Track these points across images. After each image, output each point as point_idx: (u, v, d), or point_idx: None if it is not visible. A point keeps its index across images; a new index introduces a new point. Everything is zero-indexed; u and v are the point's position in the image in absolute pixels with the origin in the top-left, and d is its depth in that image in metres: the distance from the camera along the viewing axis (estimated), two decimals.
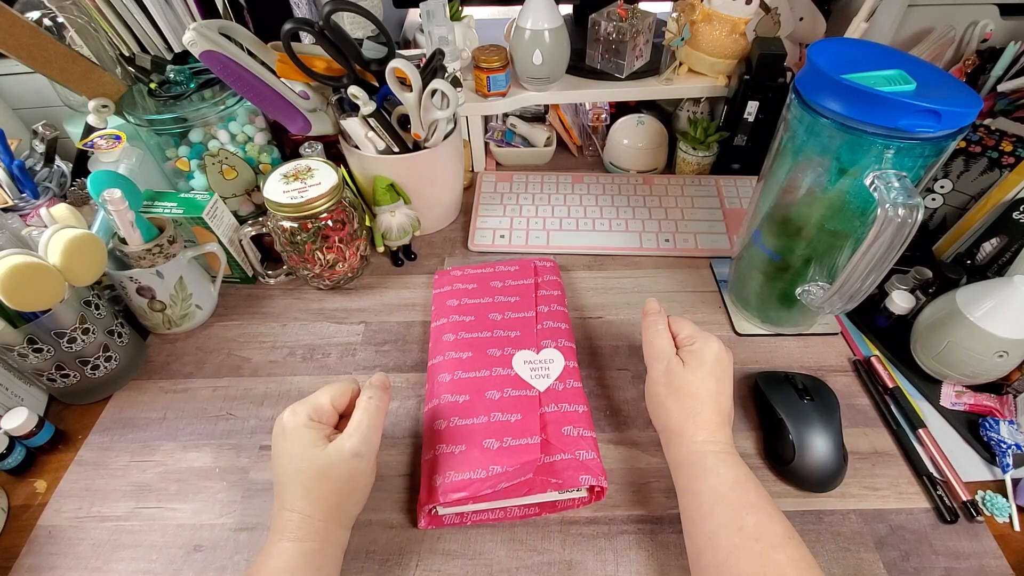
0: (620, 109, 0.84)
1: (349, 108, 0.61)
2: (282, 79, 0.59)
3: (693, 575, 0.39)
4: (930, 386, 0.54)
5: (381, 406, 0.42)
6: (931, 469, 0.48)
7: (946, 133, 0.39)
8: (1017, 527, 0.45)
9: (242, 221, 0.64)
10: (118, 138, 0.60)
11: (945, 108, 0.37)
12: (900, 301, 0.56)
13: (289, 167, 0.59)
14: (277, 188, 0.56)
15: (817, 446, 0.47)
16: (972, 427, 0.50)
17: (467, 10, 0.80)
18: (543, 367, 0.51)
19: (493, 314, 0.56)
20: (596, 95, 0.76)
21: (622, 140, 0.77)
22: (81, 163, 0.67)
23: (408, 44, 0.90)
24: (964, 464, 0.48)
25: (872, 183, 0.41)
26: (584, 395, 0.51)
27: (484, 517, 0.46)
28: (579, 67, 0.74)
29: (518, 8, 0.68)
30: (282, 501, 0.39)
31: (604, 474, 0.45)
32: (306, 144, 0.65)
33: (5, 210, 0.57)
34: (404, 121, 0.64)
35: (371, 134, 0.61)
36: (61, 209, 0.52)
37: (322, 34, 0.55)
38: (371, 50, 0.60)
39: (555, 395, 0.49)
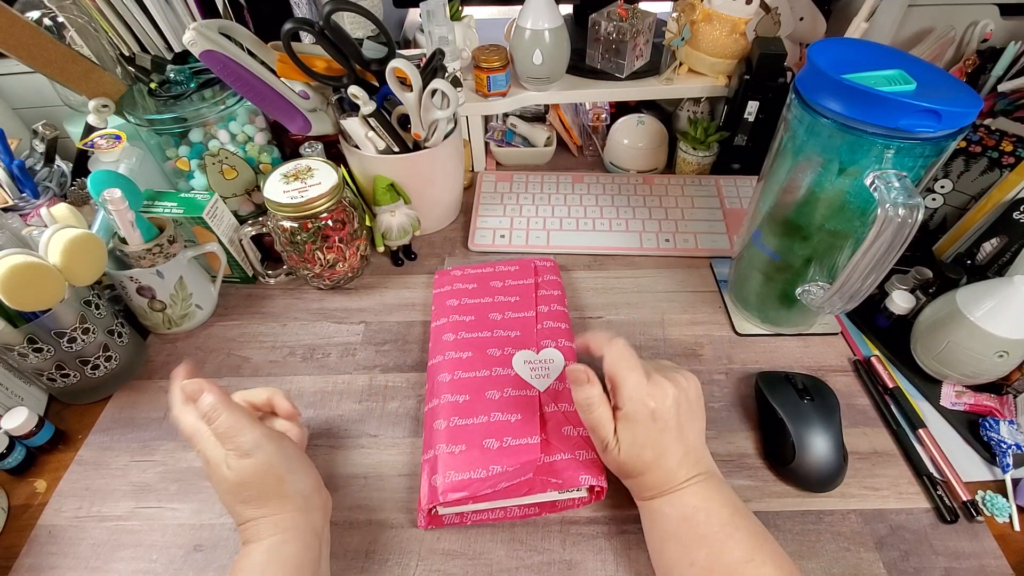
0: (620, 109, 0.84)
1: (349, 108, 0.61)
2: (282, 79, 0.59)
3: None
4: (930, 386, 0.54)
5: (218, 402, 0.40)
6: (931, 469, 0.48)
7: (946, 133, 0.39)
8: (1017, 527, 0.45)
9: (242, 221, 0.64)
10: (118, 138, 0.60)
11: (945, 108, 0.37)
12: (900, 301, 0.56)
13: (289, 167, 0.59)
14: (277, 188, 0.56)
15: (817, 446, 0.47)
16: (972, 427, 0.50)
17: (467, 10, 0.80)
18: (543, 367, 0.51)
19: (493, 314, 0.56)
20: (596, 95, 0.76)
21: (622, 140, 0.77)
22: (81, 163, 0.67)
23: (408, 44, 0.90)
24: (964, 464, 0.48)
25: (872, 183, 0.41)
26: None
27: (484, 517, 0.46)
28: (579, 67, 0.74)
29: (518, 8, 0.68)
30: (237, 520, 0.40)
31: (604, 474, 0.44)
32: (306, 144, 0.65)
33: (5, 210, 0.57)
34: (404, 121, 0.64)
35: (371, 134, 0.61)
36: (61, 209, 0.52)
37: (322, 34, 0.55)
38: (371, 50, 0.60)
39: (555, 395, 0.49)
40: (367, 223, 0.66)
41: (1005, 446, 0.48)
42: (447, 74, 0.60)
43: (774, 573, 0.36)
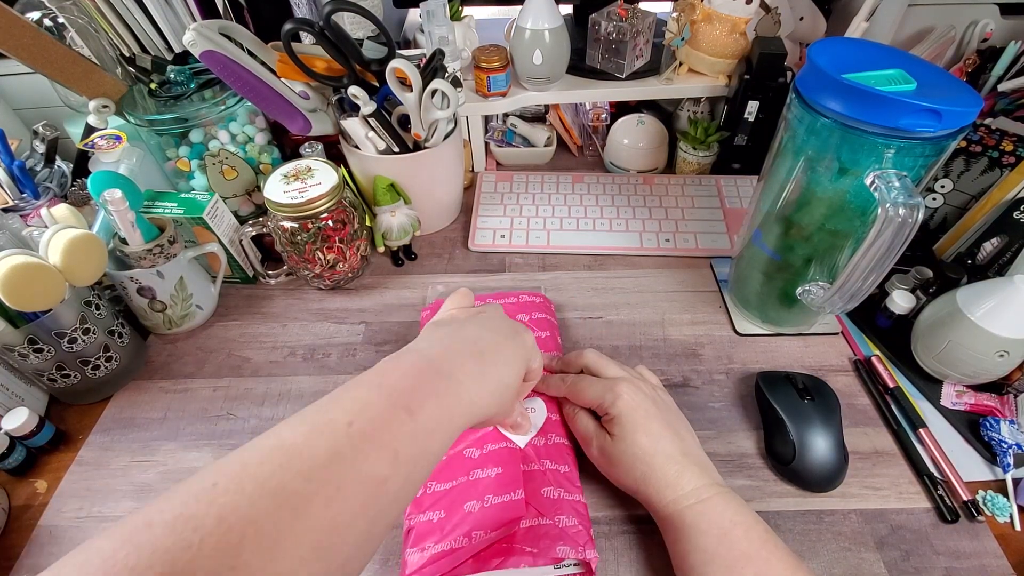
0: (620, 109, 0.84)
1: (349, 108, 0.61)
2: (282, 79, 0.59)
3: None
4: (931, 386, 0.54)
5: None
6: (932, 469, 0.48)
7: (946, 133, 0.39)
8: (1018, 527, 0.45)
9: (242, 221, 0.64)
10: (118, 138, 0.60)
11: (945, 108, 0.37)
12: (901, 301, 0.56)
13: (289, 167, 0.59)
14: (277, 188, 0.56)
15: (818, 446, 0.47)
16: (973, 427, 0.50)
17: (467, 10, 0.80)
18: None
19: None
20: (596, 95, 0.76)
21: (622, 140, 0.77)
22: (82, 163, 0.67)
23: (408, 44, 0.90)
24: (965, 464, 0.48)
25: (873, 183, 0.41)
26: (571, 451, 0.47)
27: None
28: (579, 67, 0.74)
29: (518, 8, 0.68)
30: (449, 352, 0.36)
31: (591, 543, 0.40)
32: (306, 144, 0.65)
33: (6, 210, 0.57)
34: (404, 121, 0.64)
35: (371, 134, 0.61)
36: (62, 209, 0.52)
37: (322, 34, 0.55)
38: (371, 50, 0.60)
39: (536, 451, 0.45)
40: (367, 223, 0.66)
41: (1006, 446, 0.48)
42: (447, 74, 0.60)
43: None
